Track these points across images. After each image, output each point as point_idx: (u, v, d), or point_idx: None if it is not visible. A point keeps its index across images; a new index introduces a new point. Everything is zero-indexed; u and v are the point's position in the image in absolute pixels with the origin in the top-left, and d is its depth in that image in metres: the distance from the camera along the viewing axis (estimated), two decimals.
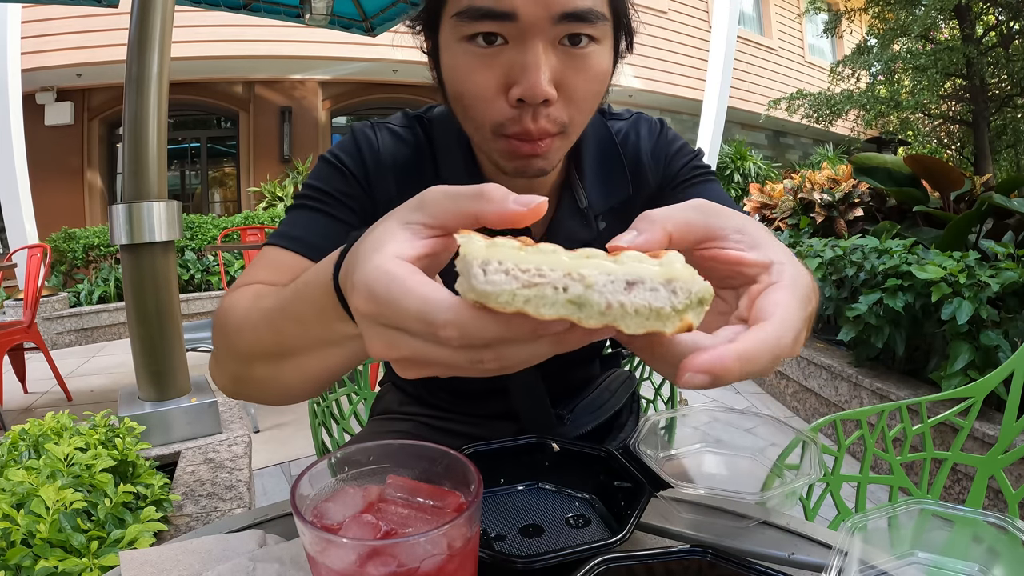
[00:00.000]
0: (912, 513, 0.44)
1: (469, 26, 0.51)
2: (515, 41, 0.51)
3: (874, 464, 1.05)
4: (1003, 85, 8.97)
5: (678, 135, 0.74)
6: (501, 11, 0.50)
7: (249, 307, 0.49)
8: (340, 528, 0.34)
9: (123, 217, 1.59)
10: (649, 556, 0.41)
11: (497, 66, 0.52)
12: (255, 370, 0.49)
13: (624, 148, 0.70)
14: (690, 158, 0.72)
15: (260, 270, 0.58)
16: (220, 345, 0.53)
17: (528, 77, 0.50)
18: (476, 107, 0.54)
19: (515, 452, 0.56)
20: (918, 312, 2.24)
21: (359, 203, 0.63)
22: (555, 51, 0.52)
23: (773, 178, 8.32)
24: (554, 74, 0.51)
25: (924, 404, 0.94)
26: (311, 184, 0.64)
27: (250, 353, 0.48)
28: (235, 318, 0.50)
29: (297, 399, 0.51)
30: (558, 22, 0.50)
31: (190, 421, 1.68)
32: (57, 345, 4.55)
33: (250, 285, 0.55)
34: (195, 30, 6.57)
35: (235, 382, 0.53)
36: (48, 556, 0.81)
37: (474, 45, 0.52)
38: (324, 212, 0.62)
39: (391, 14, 3.02)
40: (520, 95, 0.51)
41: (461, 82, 0.54)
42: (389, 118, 0.70)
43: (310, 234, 0.60)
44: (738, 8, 6.69)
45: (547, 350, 0.28)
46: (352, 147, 0.66)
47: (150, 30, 1.60)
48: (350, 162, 0.65)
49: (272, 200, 8.18)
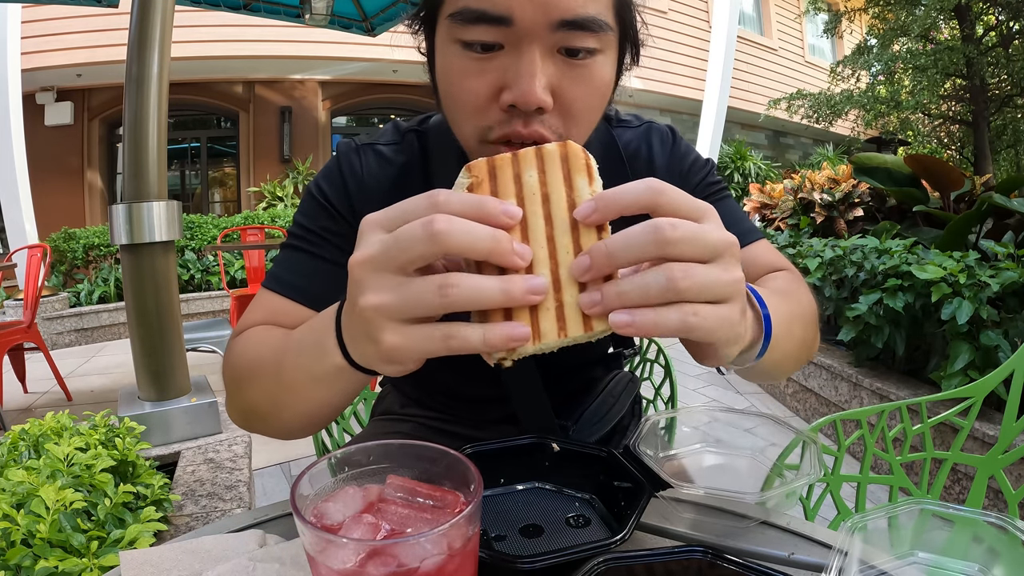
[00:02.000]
0: (912, 513, 0.44)
1: (464, 30, 0.49)
2: (511, 46, 0.49)
3: (874, 464, 1.05)
4: (1003, 85, 8.97)
5: (690, 146, 0.73)
6: (497, 14, 0.47)
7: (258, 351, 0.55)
8: (340, 528, 0.34)
9: (123, 217, 1.59)
10: (649, 556, 0.41)
11: (490, 71, 0.50)
12: (259, 405, 0.53)
13: (633, 159, 0.69)
14: (704, 174, 0.71)
15: (258, 314, 0.62)
16: (229, 384, 0.58)
17: (521, 83, 0.48)
18: (466, 112, 0.53)
19: (515, 452, 0.56)
20: (918, 312, 2.24)
21: (346, 239, 0.64)
22: (552, 59, 0.49)
23: (773, 178, 8.32)
24: (550, 82, 0.49)
25: (924, 404, 0.94)
26: (300, 223, 0.65)
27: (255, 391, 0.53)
28: (244, 363, 0.55)
29: (297, 434, 0.55)
30: (557, 29, 0.48)
31: (190, 421, 1.68)
32: (57, 345, 4.55)
33: (251, 329, 0.60)
34: (195, 30, 6.57)
35: (243, 416, 0.57)
36: (48, 556, 0.81)
37: (469, 49, 0.50)
38: (313, 254, 0.64)
39: (391, 14, 3.03)
40: (512, 100, 0.49)
41: (453, 85, 0.52)
42: (379, 134, 0.69)
43: (301, 278, 0.62)
44: (738, 8, 6.69)
45: (491, 243, 0.33)
46: (336, 176, 0.65)
47: (150, 30, 1.60)
48: (334, 196, 0.64)
49: (272, 200, 8.18)
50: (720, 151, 7.54)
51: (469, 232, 0.32)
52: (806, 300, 0.62)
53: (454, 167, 0.65)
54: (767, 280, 0.65)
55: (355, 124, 9.71)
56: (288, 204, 8.00)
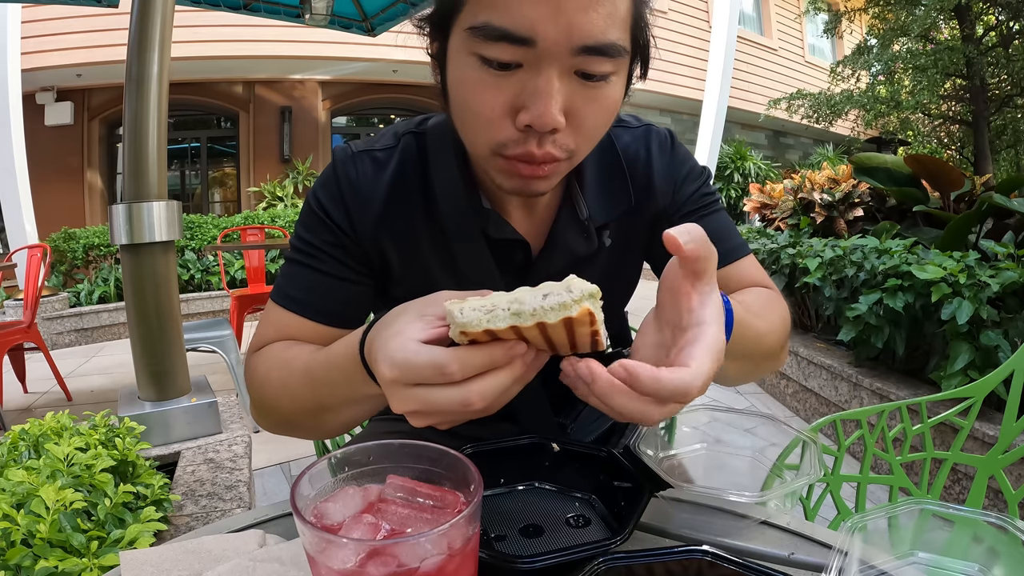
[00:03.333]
0: (912, 513, 0.44)
1: (483, 46, 0.49)
2: (529, 66, 0.49)
3: (874, 464, 1.05)
4: (1003, 85, 8.98)
5: (687, 152, 0.73)
6: (520, 35, 0.47)
7: (284, 376, 0.59)
8: (340, 528, 0.34)
9: (123, 217, 1.59)
10: (649, 556, 0.41)
11: (507, 88, 0.50)
12: (300, 421, 0.60)
13: (632, 163, 0.69)
14: (699, 184, 0.72)
15: (271, 330, 0.66)
16: (260, 403, 0.63)
17: (539, 105, 0.48)
18: (479, 125, 0.53)
19: (515, 452, 0.56)
20: (918, 312, 2.24)
21: (346, 249, 0.65)
22: (568, 80, 0.50)
23: (773, 178, 8.32)
24: (565, 103, 0.50)
25: (924, 404, 0.94)
26: (302, 236, 0.66)
27: (292, 411, 0.59)
28: (272, 386, 0.61)
29: (338, 434, 0.65)
30: (577, 53, 0.48)
31: (190, 421, 1.68)
32: (57, 345, 4.55)
33: (268, 347, 0.65)
34: (195, 30, 6.57)
35: (280, 428, 0.64)
36: (48, 556, 0.81)
37: (486, 65, 0.50)
38: (317, 269, 0.65)
39: (391, 14, 3.02)
40: (529, 122, 0.49)
41: (468, 98, 0.52)
42: (376, 138, 0.69)
43: (308, 294, 0.65)
44: (738, 8, 6.69)
45: (513, 376, 0.40)
46: (333, 186, 0.65)
47: (150, 30, 1.60)
48: (332, 209, 0.65)
49: (272, 200, 8.18)
50: (720, 151, 7.54)
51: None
52: (779, 323, 0.64)
53: (453, 169, 0.65)
54: (745, 294, 0.67)
55: (355, 124, 9.71)
56: (288, 204, 8.00)
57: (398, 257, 0.66)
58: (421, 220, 0.65)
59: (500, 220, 0.64)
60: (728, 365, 0.51)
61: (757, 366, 0.61)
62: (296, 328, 0.65)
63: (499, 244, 0.65)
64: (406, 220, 0.65)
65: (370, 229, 0.65)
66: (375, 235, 0.65)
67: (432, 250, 0.66)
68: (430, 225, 0.65)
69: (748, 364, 0.59)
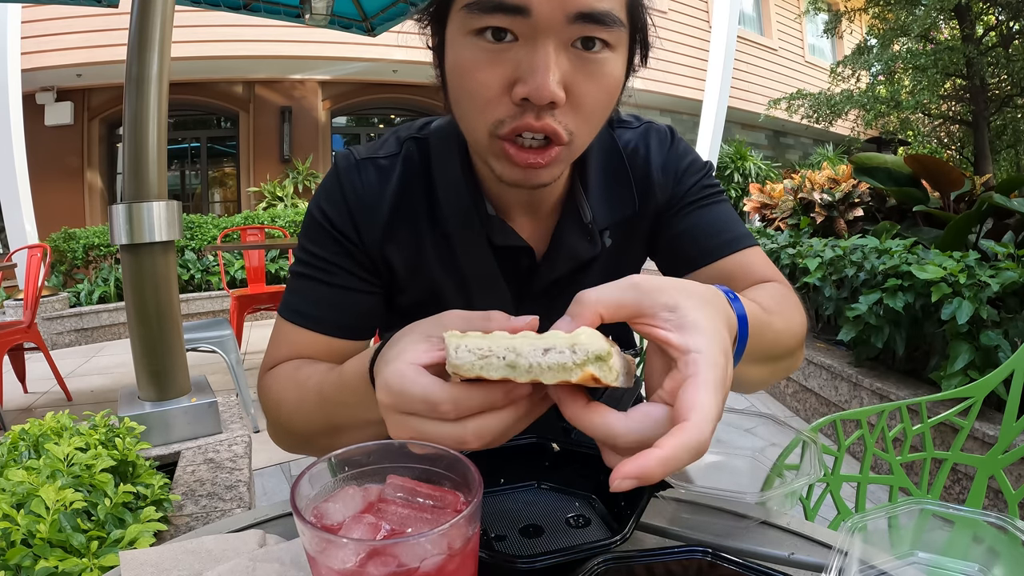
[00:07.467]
0: (912, 513, 0.44)
1: (479, 19, 0.49)
2: (525, 39, 0.48)
3: (874, 464, 1.05)
4: (1003, 85, 8.98)
5: (688, 147, 0.72)
6: (514, 4, 0.47)
7: (297, 397, 0.58)
8: (340, 528, 0.34)
9: (123, 217, 1.59)
10: (649, 556, 0.41)
11: (504, 63, 0.49)
12: (316, 441, 0.59)
13: (632, 161, 0.69)
14: (700, 176, 0.70)
15: (283, 348, 0.65)
16: (276, 424, 0.63)
17: (536, 76, 0.48)
18: (477, 105, 0.52)
19: (515, 452, 0.56)
20: (918, 312, 2.24)
21: (354, 259, 0.65)
22: (567, 53, 0.49)
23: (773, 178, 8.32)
24: (564, 77, 0.49)
25: (924, 404, 0.94)
26: (307, 248, 0.65)
27: (308, 432, 0.59)
28: (287, 407, 0.60)
29: None
30: (573, 22, 0.47)
31: (190, 421, 1.67)
32: (57, 345, 4.55)
33: (280, 367, 0.64)
34: (195, 30, 6.57)
35: (297, 448, 0.63)
36: (48, 556, 0.81)
37: (482, 40, 0.49)
38: (325, 282, 0.64)
39: (391, 14, 3.02)
40: (526, 94, 0.48)
41: (464, 78, 0.51)
42: (378, 144, 0.68)
43: (317, 308, 0.65)
44: (738, 8, 6.68)
45: (514, 417, 0.37)
46: (338, 197, 0.64)
47: (150, 30, 1.60)
48: (338, 220, 0.64)
49: (272, 200, 8.18)
50: (720, 151, 7.54)
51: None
52: (796, 319, 0.60)
53: (456, 171, 0.64)
54: (756, 290, 0.62)
55: (355, 124, 9.71)
56: (288, 204, 8.00)
57: (403, 265, 0.66)
58: (425, 227, 0.65)
59: (504, 227, 0.64)
60: (748, 370, 0.49)
61: (776, 367, 0.58)
62: (308, 344, 0.64)
63: (503, 250, 0.65)
64: (410, 228, 0.65)
65: (376, 238, 0.64)
66: (381, 244, 0.64)
67: (436, 258, 0.66)
68: (434, 232, 0.65)
69: (768, 366, 0.56)
